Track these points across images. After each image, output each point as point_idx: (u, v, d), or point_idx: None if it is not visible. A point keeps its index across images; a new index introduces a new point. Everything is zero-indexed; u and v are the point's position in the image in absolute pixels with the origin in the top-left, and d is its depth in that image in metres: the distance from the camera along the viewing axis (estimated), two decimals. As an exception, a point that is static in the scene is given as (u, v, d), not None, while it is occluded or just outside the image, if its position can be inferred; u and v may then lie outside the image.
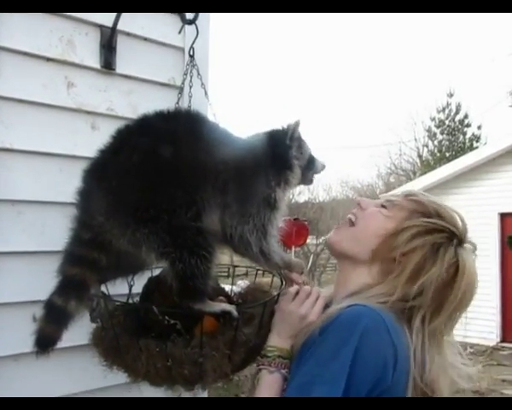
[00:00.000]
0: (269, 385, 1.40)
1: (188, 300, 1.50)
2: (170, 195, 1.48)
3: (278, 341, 1.45)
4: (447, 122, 23.28)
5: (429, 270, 1.33)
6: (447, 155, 21.50)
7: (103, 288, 1.66)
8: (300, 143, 1.69)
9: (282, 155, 1.64)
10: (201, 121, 1.63)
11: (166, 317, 1.49)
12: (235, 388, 8.25)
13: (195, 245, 1.47)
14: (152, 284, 1.71)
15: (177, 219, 1.47)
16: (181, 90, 1.96)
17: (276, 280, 1.75)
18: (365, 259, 1.41)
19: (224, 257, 1.96)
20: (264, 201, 1.57)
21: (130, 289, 1.74)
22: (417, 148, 23.83)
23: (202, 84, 2.01)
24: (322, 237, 22.69)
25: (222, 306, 1.56)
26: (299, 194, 26.11)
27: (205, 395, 2.49)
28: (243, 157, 1.59)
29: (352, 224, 1.46)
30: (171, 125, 1.58)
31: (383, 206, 1.46)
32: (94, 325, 1.64)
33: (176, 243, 1.47)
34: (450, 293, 1.33)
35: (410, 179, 16.94)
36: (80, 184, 1.57)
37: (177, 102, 1.88)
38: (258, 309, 1.57)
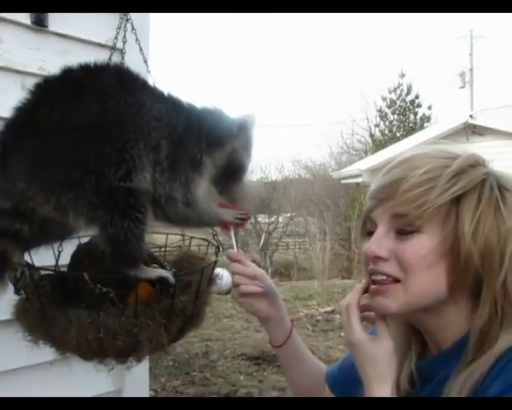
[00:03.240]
0: None
1: (122, 266, 1.41)
2: (96, 153, 1.36)
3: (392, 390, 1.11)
4: (398, 102, 23.60)
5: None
6: (398, 134, 21.82)
7: (27, 256, 1.53)
8: (246, 145, 1.58)
9: (220, 134, 1.54)
10: (133, 77, 1.51)
11: (98, 285, 1.38)
12: (185, 366, 8.21)
13: (127, 207, 1.37)
14: (82, 251, 1.60)
15: (106, 180, 1.36)
16: (112, 49, 1.84)
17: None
18: (443, 297, 1.10)
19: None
20: (191, 163, 1.48)
21: (57, 257, 1.61)
22: (369, 127, 24.11)
23: (141, 49, 1.89)
24: (274, 216, 22.98)
25: (158, 272, 1.48)
26: (251, 172, 26.04)
27: (146, 367, 2.42)
28: (180, 119, 1.49)
29: (397, 280, 1.11)
30: (97, 78, 1.46)
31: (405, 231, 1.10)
32: (16, 298, 1.51)
33: (106, 206, 1.37)
34: None
35: (362, 159, 17.10)
36: None
37: (109, 59, 1.74)
38: (196, 276, 1.49)
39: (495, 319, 1.06)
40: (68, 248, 1.62)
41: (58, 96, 1.41)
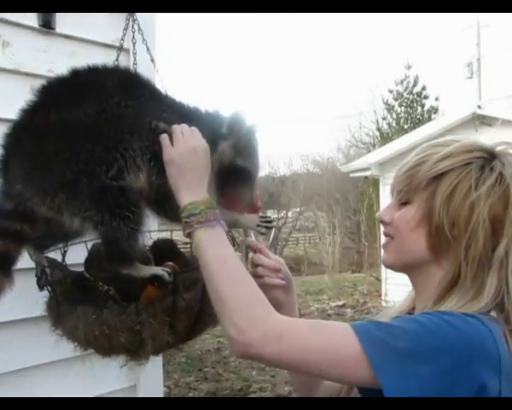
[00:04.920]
0: (219, 237, 1.26)
1: (114, 264, 1.43)
2: (88, 153, 1.39)
3: (192, 194, 1.30)
4: (405, 94, 23.43)
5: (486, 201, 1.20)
6: (405, 127, 21.69)
7: (58, 256, 1.58)
8: (241, 146, 1.52)
9: (210, 137, 1.47)
10: (141, 81, 1.54)
11: (100, 282, 1.42)
12: (198, 362, 8.25)
13: (117, 206, 1.40)
14: (93, 250, 1.64)
15: (97, 180, 1.38)
16: (119, 49, 1.86)
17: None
18: (426, 257, 1.28)
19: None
20: None
21: (63, 257, 1.65)
22: (377, 121, 24.00)
23: (148, 49, 1.92)
24: (283, 211, 22.98)
25: (153, 269, 1.50)
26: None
27: (159, 364, 2.45)
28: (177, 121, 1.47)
29: (392, 238, 1.34)
30: (101, 79, 1.48)
31: (400, 202, 1.33)
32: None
33: (97, 206, 1.39)
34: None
35: (370, 152, 17.04)
36: (1, 149, 1.47)
37: (116, 60, 1.77)
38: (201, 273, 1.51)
39: (454, 285, 1.22)
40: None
41: (58, 97, 1.45)
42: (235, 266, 1.22)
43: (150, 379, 2.38)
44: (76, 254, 1.71)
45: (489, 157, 1.25)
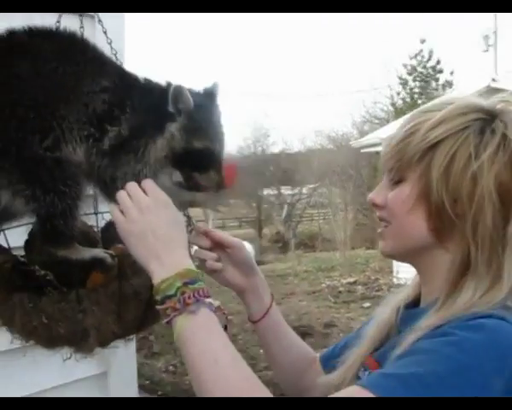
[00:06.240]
0: (205, 326, 1.03)
1: (49, 245, 1.32)
2: (19, 119, 1.26)
3: (164, 267, 1.08)
4: (419, 69, 23.09)
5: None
6: (419, 102, 21.33)
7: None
8: (194, 125, 1.33)
9: (155, 118, 1.35)
10: (79, 44, 1.41)
11: (37, 267, 1.30)
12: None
13: (51, 180, 1.27)
14: (33, 230, 1.53)
15: (29, 150, 1.26)
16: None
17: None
18: (429, 241, 1.12)
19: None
20: (135, 154, 1.34)
21: (5, 238, 1.51)
22: (391, 96, 23.68)
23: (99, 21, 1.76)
24: (298, 188, 22.83)
25: (93, 252, 1.38)
26: (273, 144, 26.01)
27: (132, 349, 2.37)
28: (122, 92, 1.37)
29: (388, 223, 1.18)
30: (40, 43, 1.35)
31: (393, 180, 1.17)
32: None
33: (28, 179, 1.27)
34: None
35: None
36: None
37: (58, 22, 1.62)
38: None
39: (466, 271, 1.06)
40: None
41: None
42: (228, 366, 0.99)
43: (123, 366, 2.30)
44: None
45: (489, 118, 1.09)
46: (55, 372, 2.04)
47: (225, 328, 1.08)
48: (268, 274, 13.50)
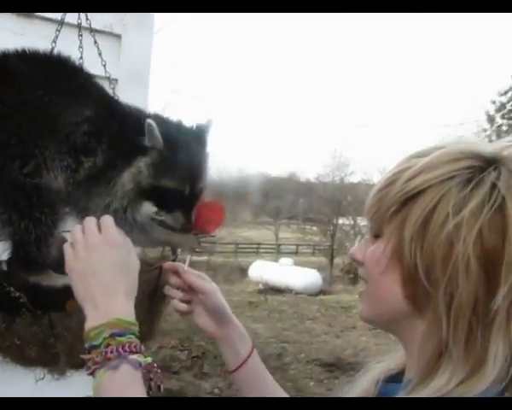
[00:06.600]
0: (121, 385, 0.95)
1: (20, 270, 1.31)
2: (0, 145, 1.27)
3: (97, 313, 1.02)
4: (508, 106, 22.22)
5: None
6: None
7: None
8: (163, 164, 1.29)
9: (128, 150, 1.32)
10: (68, 70, 1.40)
11: (12, 288, 1.28)
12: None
13: (27, 206, 1.27)
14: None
15: (8, 175, 1.26)
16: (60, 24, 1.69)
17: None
18: (405, 310, 0.94)
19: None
20: (106, 185, 1.33)
21: None
22: (478, 132, 22.92)
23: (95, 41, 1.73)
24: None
25: (66, 279, 1.34)
26: (352, 173, 25.75)
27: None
28: (101, 122, 1.35)
29: (366, 283, 1.04)
30: (26, 68, 1.36)
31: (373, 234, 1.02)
32: None
33: (5, 204, 1.27)
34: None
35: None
36: None
37: (54, 41, 1.60)
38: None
39: (443, 350, 0.87)
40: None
41: None
42: None
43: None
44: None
45: (483, 166, 0.89)
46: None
47: (158, 388, 1.02)
48: (333, 305, 13.29)
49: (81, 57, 1.55)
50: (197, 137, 1.37)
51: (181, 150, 1.31)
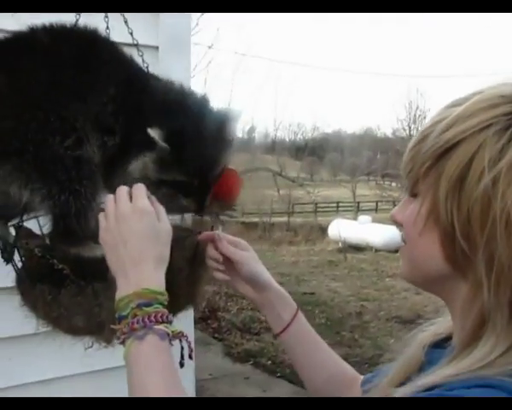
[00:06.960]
0: (145, 357, 0.93)
1: (60, 243, 1.31)
2: (39, 121, 1.25)
3: (126, 283, 1.01)
4: None
5: None
6: None
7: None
8: (168, 159, 1.24)
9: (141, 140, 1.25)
10: (99, 44, 1.36)
11: (55, 260, 1.29)
12: (338, 325, 8.14)
13: (67, 179, 1.25)
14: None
15: (48, 150, 1.25)
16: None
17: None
18: (447, 271, 0.88)
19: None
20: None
21: (16, 231, 1.46)
22: None
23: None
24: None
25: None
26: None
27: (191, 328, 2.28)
28: (124, 103, 1.31)
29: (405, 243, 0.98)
30: (57, 43, 1.32)
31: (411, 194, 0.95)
32: None
33: (43, 178, 1.26)
34: None
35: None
36: None
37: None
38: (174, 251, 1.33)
39: (486, 316, 0.81)
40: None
41: (8, 58, 1.31)
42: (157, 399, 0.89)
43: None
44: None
45: None
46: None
47: (189, 356, 1.00)
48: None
49: (107, 27, 1.50)
50: (218, 125, 1.31)
51: (191, 144, 1.25)
